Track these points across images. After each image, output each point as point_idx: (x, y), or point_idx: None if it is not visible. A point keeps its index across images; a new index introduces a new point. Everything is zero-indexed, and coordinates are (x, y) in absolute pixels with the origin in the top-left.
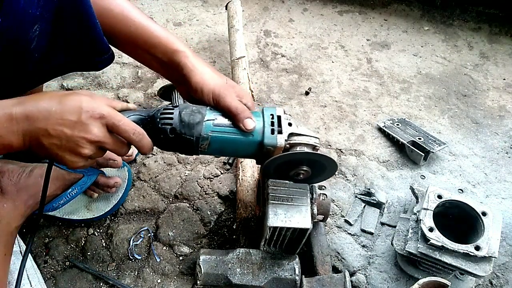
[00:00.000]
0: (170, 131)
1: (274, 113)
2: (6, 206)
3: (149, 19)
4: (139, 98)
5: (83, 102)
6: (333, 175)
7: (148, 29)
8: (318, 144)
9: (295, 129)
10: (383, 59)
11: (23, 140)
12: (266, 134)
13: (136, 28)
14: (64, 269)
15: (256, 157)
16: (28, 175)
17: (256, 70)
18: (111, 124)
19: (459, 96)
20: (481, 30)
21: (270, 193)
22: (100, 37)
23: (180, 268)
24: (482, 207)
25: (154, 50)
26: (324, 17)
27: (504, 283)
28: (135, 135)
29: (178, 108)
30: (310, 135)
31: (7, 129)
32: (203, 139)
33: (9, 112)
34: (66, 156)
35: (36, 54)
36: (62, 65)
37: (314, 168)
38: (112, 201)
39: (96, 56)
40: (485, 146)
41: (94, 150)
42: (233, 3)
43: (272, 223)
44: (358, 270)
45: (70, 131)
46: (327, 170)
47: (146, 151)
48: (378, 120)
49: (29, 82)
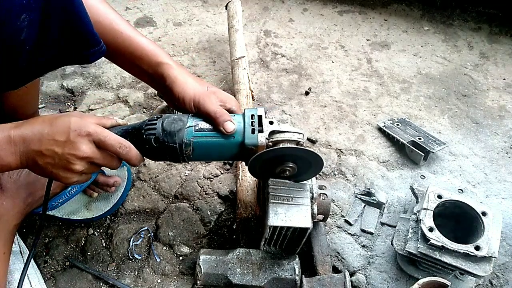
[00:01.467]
0: (154, 141)
1: (255, 113)
2: (5, 204)
3: (136, 31)
4: (139, 98)
5: (71, 123)
6: (321, 169)
7: (135, 41)
8: (301, 139)
9: (276, 127)
10: (383, 59)
11: (21, 161)
12: (247, 134)
13: (123, 40)
14: (64, 269)
15: (241, 158)
16: (28, 173)
17: (256, 70)
18: (98, 140)
19: (459, 96)
20: (481, 30)
21: (271, 192)
22: (90, 28)
23: (180, 268)
24: (482, 207)
25: (140, 62)
26: (324, 17)
27: (504, 283)
28: (122, 148)
29: (161, 118)
30: (293, 131)
31: (6, 151)
32: (186, 145)
33: (7, 134)
34: (60, 173)
35: (27, 45)
36: (54, 58)
37: (300, 164)
38: (111, 200)
39: (87, 49)
40: (485, 146)
41: (86, 166)
42: (233, 3)
43: (272, 223)
44: (358, 270)
45: (61, 150)
46: (313, 165)
47: (135, 163)
48: (378, 120)
49: (22, 76)
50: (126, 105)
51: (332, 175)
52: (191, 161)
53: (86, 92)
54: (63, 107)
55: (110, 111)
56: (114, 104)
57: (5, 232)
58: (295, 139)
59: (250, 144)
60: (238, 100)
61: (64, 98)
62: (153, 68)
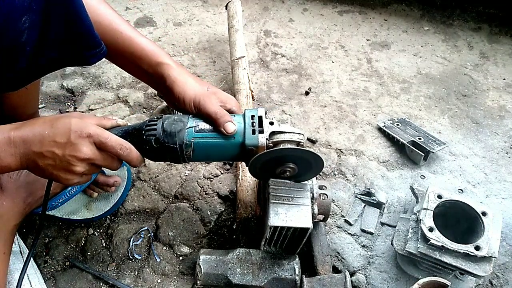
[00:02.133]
0: (155, 141)
1: (256, 114)
2: (5, 204)
3: (136, 32)
4: (139, 98)
5: (72, 124)
6: (321, 170)
7: (135, 41)
8: (302, 140)
9: (277, 128)
10: (383, 59)
11: (21, 162)
12: (247, 135)
13: (124, 40)
14: (64, 269)
15: (242, 159)
16: (28, 173)
17: (256, 70)
18: (99, 141)
19: (459, 96)
20: (481, 30)
21: (271, 192)
22: (91, 30)
23: (180, 268)
24: (482, 207)
25: (140, 62)
26: (324, 17)
27: (504, 283)
28: (122, 150)
29: (161, 119)
30: (294, 132)
31: (6, 152)
32: (186, 146)
33: (7, 136)
34: (60, 175)
35: (27, 47)
36: (55, 59)
37: (300, 165)
38: (111, 200)
39: (88, 50)
40: (485, 146)
41: (86, 167)
42: (233, 3)
43: (272, 223)
44: (358, 270)
45: (62, 151)
46: (314, 166)
47: (135, 164)
48: (378, 120)
49: (22, 77)
50: (126, 105)
51: (332, 175)
52: (191, 161)
53: (86, 92)
54: (63, 107)
55: (110, 111)
56: (114, 104)
57: (5, 232)
58: (295, 139)
59: (250, 145)
60: (238, 100)
61: (64, 98)
62: (153, 68)
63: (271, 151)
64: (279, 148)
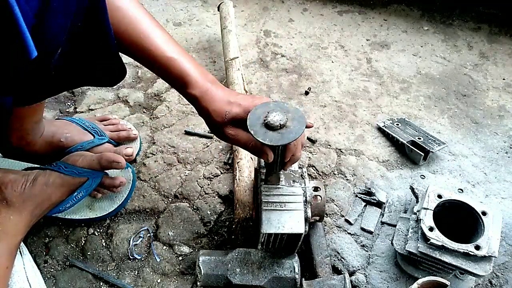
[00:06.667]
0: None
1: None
2: (13, 218)
3: (182, 53)
4: (139, 98)
5: None
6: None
7: (179, 67)
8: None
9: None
10: (383, 59)
11: None
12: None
13: (163, 64)
14: (64, 269)
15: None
16: (33, 184)
17: (256, 70)
18: None
19: (459, 96)
20: (481, 30)
21: (263, 199)
22: (120, 63)
23: (180, 268)
24: (482, 207)
25: (164, 74)
26: (324, 17)
27: (504, 282)
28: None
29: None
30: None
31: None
32: None
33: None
34: None
35: (53, 71)
36: (76, 82)
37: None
38: (116, 201)
39: (112, 76)
40: (484, 146)
41: None
42: (225, 4)
43: (265, 230)
44: (357, 269)
45: None
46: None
47: None
48: (377, 120)
49: (41, 94)
50: (126, 105)
51: (332, 175)
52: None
53: (86, 92)
54: (63, 107)
55: (110, 111)
56: (114, 104)
57: (10, 246)
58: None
59: None
60: None
61: (64, 98)
62: (183, 91)
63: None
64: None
